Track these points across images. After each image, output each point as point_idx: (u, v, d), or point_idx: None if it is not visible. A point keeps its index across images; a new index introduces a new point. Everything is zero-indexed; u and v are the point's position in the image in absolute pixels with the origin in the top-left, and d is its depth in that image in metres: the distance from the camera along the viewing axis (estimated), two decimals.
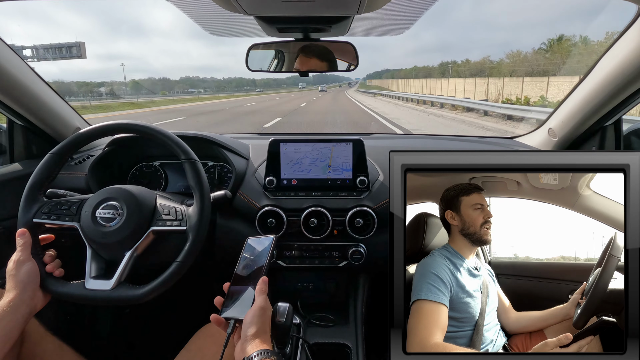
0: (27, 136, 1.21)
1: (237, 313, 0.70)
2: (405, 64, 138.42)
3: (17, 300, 0.73)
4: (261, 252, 0.78)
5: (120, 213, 0.82)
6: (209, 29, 1.18)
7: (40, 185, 0.84)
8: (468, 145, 1.41)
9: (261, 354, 0.61)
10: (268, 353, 0.62)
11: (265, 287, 0.72)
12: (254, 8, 0.80)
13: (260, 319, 0.67)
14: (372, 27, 1.12)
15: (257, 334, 0.65)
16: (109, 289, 0.79)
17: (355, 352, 0.98)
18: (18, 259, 0.76)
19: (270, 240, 0.80)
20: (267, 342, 0.66)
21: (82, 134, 0.88)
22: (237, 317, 0.70)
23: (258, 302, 0.69)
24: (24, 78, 1.04)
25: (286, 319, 0.77)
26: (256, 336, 0.65)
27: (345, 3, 0.76)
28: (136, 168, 1.27)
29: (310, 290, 1.17)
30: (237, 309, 0.71)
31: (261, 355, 0.61)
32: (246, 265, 0.77)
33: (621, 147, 1.11)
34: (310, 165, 1.09)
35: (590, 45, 25.19)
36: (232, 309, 0.72)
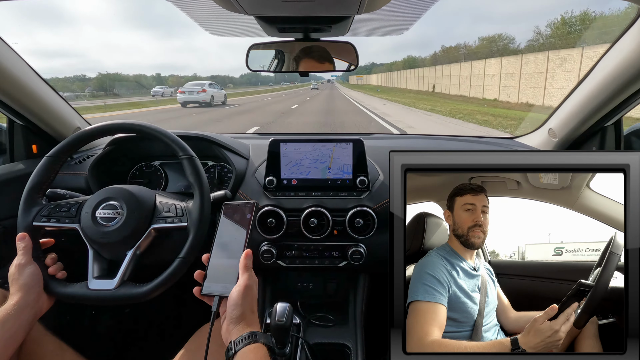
0: (27, 136, 1.21)
1: (221, 289, 0.67)
2: (394, 58, 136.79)
3: (22, 303, 0.73)
4: (240, 220, 0.74)
5: (120, 212, 0.82)
6: (209, 28, 1.18)
7: (38, 188, 0.84)
8: (468, 145, 1.41)
9: (248, 338, 0.59)
10: (255, 336, 0.60)
11: (249, 262, 0.68)
12: (254, 8, 0.80)
13: (247, 299, 0.64)
14: (372, 27, 1.11)
15: (243, 316, 0.63)
16: (112, 288, 0.79)
17: (355, 352, 0.98)
18: (20, 262, 0.76)
19: (250, 206, 0.75)
20: (255, 323, 0.64)
21: (79, 135, 0.88)
22: (221, 293, 0.67)
23: (243, 280, 0.65)
24: (24, 78, 1.04)
25: (286, 319, 0.77)
26: (242, 318, 0.62)
27: (346, 3, 0.76)
28: (136, 168, 1.27)
29: (310, 290, 1.17)
30: (220, 285, 0.68)
31: (249, 339, 0.59)
32: (225, 235, 0.73)
33: (621, 148, 1.11)
34: (310, 166, 1.09)
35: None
36: (215, 284, 0.68)
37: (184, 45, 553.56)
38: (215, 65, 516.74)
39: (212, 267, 0.71)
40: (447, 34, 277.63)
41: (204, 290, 0.68)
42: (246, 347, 0.59)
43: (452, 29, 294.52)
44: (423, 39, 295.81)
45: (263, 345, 0.61)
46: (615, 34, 0.86)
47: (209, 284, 0.69)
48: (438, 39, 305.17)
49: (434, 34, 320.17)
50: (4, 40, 0.96)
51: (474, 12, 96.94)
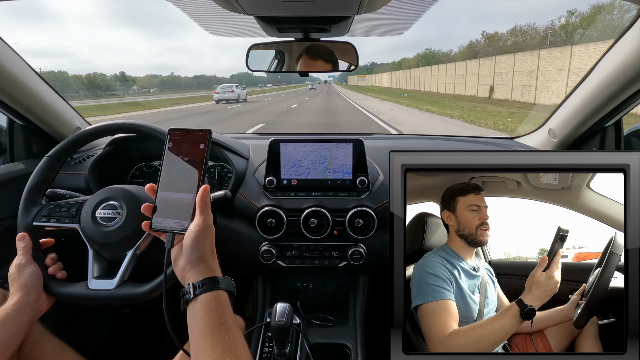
0: (27, 136, 1.21)
1: (174, 225, 0.62)
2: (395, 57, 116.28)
3: (22, 302, 0.73)
4: (191, 151, 0.66)
5: (120, 212, 0.82)
6: (209, 28, 1.18)
7: (38, 188, 0.84)
8: (468, 145, 1.41)
9: (209, 283, 0.57)
10: (218, 282, 0.58)
11: (208, 199, 0.62)
12: (254, 8, 0.80)
13: (207, 239, 0.60)
14: (372, 27, 1.11)
15: (203, 257, 0.59)
16: (112, 288, 0.79)
17: (354, 352, 0.98)
18: (19, 262, 0.76)
19: (203, 134, 0.66)
20: (216, 266, 0.61)
21: (79, 135, 0.88)
22: (175, 230, 0.62)
23: (201, 220, 0.60)
24: (24, 78, 1.04)
25: (286, 319, 0.77)
26: (202, 259, 0.59)
27: (346, 3, 0.76)
28: (136, 168, 1.27)
29: (310, 291, 1.17)
30: (173, 221, 0.63)
31: (210, 284, 0.57)
32: (175, 167, 0.66)
33: (621, 148, 1.11)
34: (310, 166, 1.09)
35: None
36: (167, 219, 0.63)
37: (164, 45, 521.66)
38: (203, 65, 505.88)
39: (162, 201, 0.64)
40: (485, 17, 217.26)
41: (153, 225, 0.63)
42: (207, 294, 0.56)
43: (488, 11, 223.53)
44: (442, 29, 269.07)
45: (224, 291, 0.58)
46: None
47: (159, 218, 0.63)
48: (468, 27, 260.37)
49: (460, 22, 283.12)
50: (4, 40, 0.96)
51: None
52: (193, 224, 0.60)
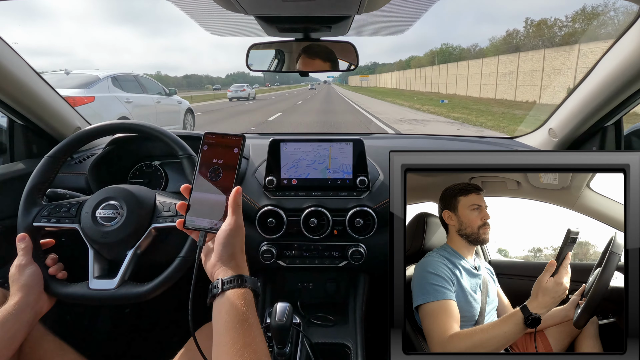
0: (27, 136, 1.21)
1: (207, 224, 0.65)
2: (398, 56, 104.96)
3: (22, 303, 0.73)
4: (225, 155, 0.68)
5: (121, 212, 0.82)
6: (209, 28, 1.18)
7: (38, 188, 0.84)
8: (468, 145, 1.41)
9: (238, 280, 0.59)
10: (245, 280, 0.60)
11: (239, 201, 0.65)
12: (254, 8, 0.80)
13: (238, 238, 0.63)
14: (372, 27, 1.12)
15: (234, 255, 0.62)
16: (113, 287, 0.79)
17: (355, 352, 0.98)
18: (20, 263, 0.76)
19: (237, 139, 0.68)
20: (244, 265, 0.63)
21: (79, 135, 0.88)
22: (208, 229, 0.65)
23: (233, 220, 0.63)
24: (24, 77, 1.04)
25: (286, 319, 0.77)
26: (233, 257, 0.61)
27: (346, 3, 0.76)
28: (136, 168, 1.27)
29: (310, 290, 1.17)
30: (206, 220, 0.65)
31: (238, 282, 0.59)
32: (210, 167, 0.68)
33: (621, 148, 1.11)
34: (310, 166, 1.09)
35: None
36: (199, 219, 0.66)
37: (157, 44, 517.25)
38: (194, 64, 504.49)
39: (195, 201, 0.67)
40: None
41: (187, 223, 0.65)
42: (234, 290, 0.58)
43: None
44: (458, 24, 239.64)
45: (250, 290, 0.60)
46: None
47: (192, 217, 0.66)
48: (496, 20, 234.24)
49: (484, 13, 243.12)
50: (4, 40, 0.96)
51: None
52: (225, 223, 0.63)
